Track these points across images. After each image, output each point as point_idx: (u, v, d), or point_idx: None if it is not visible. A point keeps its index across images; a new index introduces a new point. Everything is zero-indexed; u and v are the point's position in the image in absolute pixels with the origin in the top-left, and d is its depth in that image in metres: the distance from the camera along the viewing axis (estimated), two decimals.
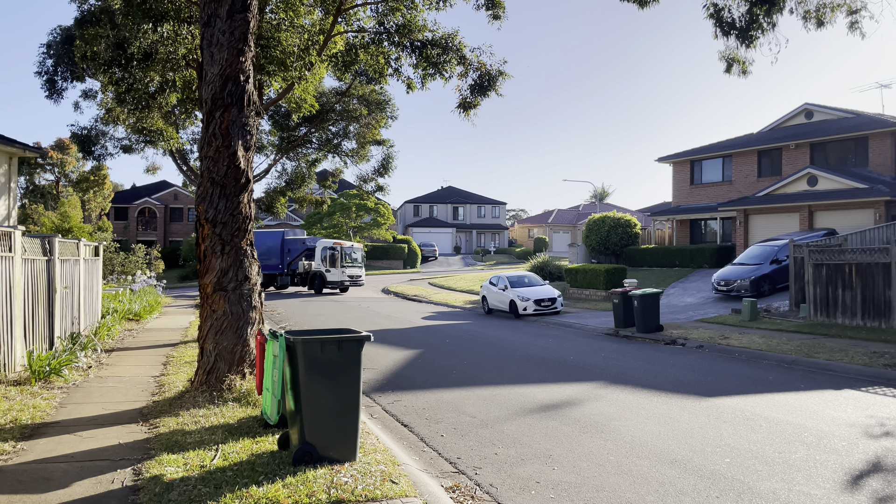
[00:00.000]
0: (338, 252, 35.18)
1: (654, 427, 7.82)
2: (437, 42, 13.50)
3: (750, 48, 13.10)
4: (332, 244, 35.25)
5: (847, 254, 18.07)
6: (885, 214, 25.94)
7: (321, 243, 35.42)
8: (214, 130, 8.46)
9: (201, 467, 5.68)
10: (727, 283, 24.21)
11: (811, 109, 34.79)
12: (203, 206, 8.50)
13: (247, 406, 7.77)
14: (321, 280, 35.20)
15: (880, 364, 12.03)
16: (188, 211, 68.39)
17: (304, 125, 23.11)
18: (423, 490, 5.48)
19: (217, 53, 8.54)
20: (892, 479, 5.97)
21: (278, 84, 13.32)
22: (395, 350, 14.37)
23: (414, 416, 8.45)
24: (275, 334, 6.35)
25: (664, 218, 38.73)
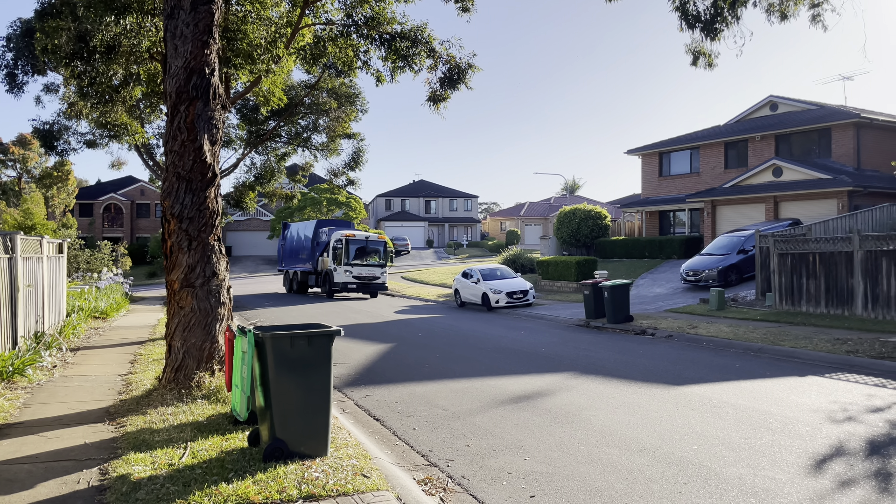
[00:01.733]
0: (341, 246, 29.60)
1: (624, 416, 7.91)
2: (407, 35, 13.43)
3: (715, 41, 13.26)
4: (340, 235, 29.96)
5: (811, 243, 18.43)
6: (847, 204, 26.50)
7: (335, 234, 30.54)
8: (179, 124, 8.33)
9: (169, 466, 5.61)
10: (695, 273, 24.55)
11: (776, 101, 35.37)
12: (169, 202, 8.37)
13: (216, 403, 7.69)
14: (330, 281, 30.00)
15: (843, 350, 12.30)
16: (155, 207, 67.35)
17: (272, 119, 22.85)
18: (395, 483, 5.48)
19: (181, 46, 8.40)
20: (854, 463, 6.12)
21: (245, 77, 13.14)
22: (368, 344, 14.33)
23: (386, 410, 8.44)
24: (243, 330, 6.29)
25: (634, 210, 39.14)
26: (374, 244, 30.70)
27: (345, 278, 29.22)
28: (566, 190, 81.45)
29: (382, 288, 30.35)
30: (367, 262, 29.92)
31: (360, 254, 30.06)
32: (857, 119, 28.99)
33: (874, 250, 16.55)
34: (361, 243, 30.23)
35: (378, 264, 30.16)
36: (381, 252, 30.88)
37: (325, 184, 53.12)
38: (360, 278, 29.45)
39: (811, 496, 5.29)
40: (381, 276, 30.06)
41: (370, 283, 29.77)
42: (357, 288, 29.57)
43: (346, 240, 29.65)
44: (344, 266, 29.22)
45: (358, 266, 29.48)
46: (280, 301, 28.07)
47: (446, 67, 13.98)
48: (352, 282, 29.35)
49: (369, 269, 29.76)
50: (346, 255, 29.38)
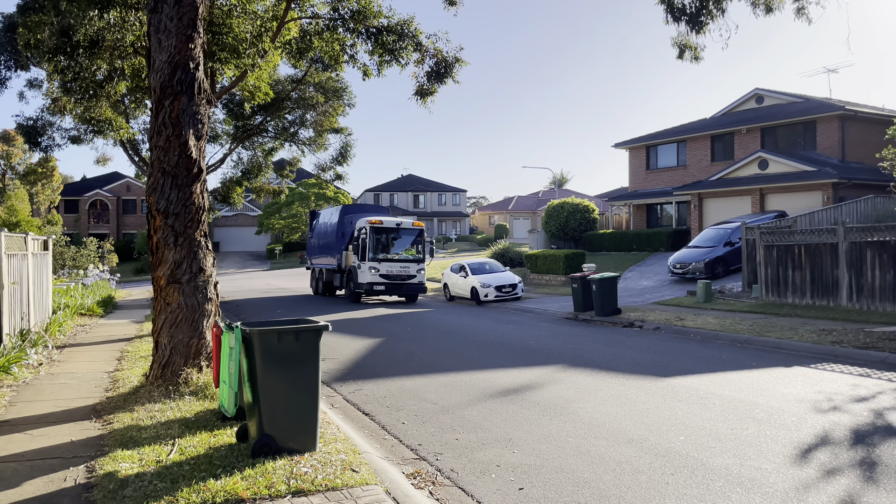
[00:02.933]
0: (365, 235, 23.30)
1: (612, 408, 7.96)
2: (393, 28, 13.38)
3: (700, 34, 13.29)
4: (364, 222, 23.74)
5: (796, 235, 18.57)
6: (832, 196, 26.71)
7: (359, 221, 24.47)
8: (164, 119, 8.27)
9: (157, 462, 5.59)
10: (682, 265, 24.69)
11: (762, 94, 35.55)
12: (154, 197, 8.32)
13: (204, 399, 7.66)
14: (353, 281, 24.00)
15: (828, 341, 12.42)
16: (142, 203, 66.92)
17: (259, 114, 22.75)
18: (384, 477, 5.48)
19: (165, 40, 8.33)
20: (839, 452, 6.19)
21: (231, 72, 13.06)
22: (357, 339, 14.32)
23: (375, 405, 8.45)
24: (231, 326, 6.26)
25: (621, 203, 39.26)
26: (408, 232, 24.27)
27: (370, 278, 22.96)
28: (554, 184, 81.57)
29: (420, 290, 23.94)
30: (399, 257, 23.73)
31: (390, 245, 23.87)
32: (841, 111, 29.19)
33: (858, 242, 16.70)
34: (390, 232, 23.95)
35: (413, 259, 23.86)
36: (418, 243, 24.32)
37: (312, 178, 52.90)
38: (389, 277, 23.20)
39: (796, 485, 5.34)
40: (417, 275, 23.73)
41: (403, 283, 23.51)
42: (386, 290, 23.29)
43: (370, 227, 23.13)
44: (369, 262, 22.97)
45: (387, 262, 23.28)
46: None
47: (433, 61, 13.95)
48: (379, 282, 23.04)
49: (401, 266, 23.53)
50: (372, 248, 23.07)
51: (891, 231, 16.17)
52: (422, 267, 24.04)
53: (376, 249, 23.29)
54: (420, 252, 24.22)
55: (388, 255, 23.55)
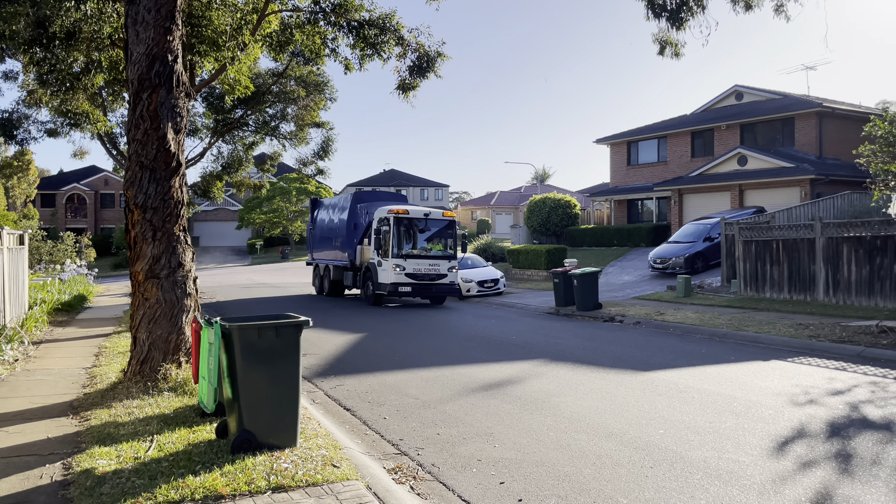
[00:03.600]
0: (387, 227, 20.07)
1: (593, 402, 8.00)
2: (375, 22, 13.31)
3: (681, 30, 13.37)
4: (385, 212, 20.46)
5: (775, 230, 18.78)
6: (810, 192, 27.03)
7: (378, 211, 21.05)
8: (142, 112, 8.17)
9: (135, 459, 5.54)
10: (663, 260, 24.88)
11: (741, 91, 35.87)
12: (132, 191, 8.22)
13: (183, 395, 7.60)
14: (373, 281, 20.67)
15: (805, 335, 12.58)
16: (120, 197, 66.16)
17: (239, 107, 22.54)
18: (365, 472, 5.47)
19: (143, 32, 8.22)
20: (815, 445, 6.27)
21: (210, 65, 12.92)
22: (338, 334, 14.27)
23: (357, 400, 8.43)
24: (210, 321, 6.21)
25: (603, 198, 39.47)
26: (437, 224, 20.99)
27: (394, 277, 19.75)
28: (536, 179, 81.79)
29: (452, 291, 20.86)
30: (428, 253, 20.56)
31: (417, 239, 20.71)
32: (819, 108, 29.54)
33: (835, 237, 16.92)
34: (417, 223, 20.71)
35: (444, 255, 20.69)
36: (449, 236, 21.11)
37: (294, 173, 52.62)
38: (417, 277, 19.98)
39: (773, 477, 5.41)
40: (448, 274, 20.52)
41: (433, 283, 20.32)
42: (413, 291, 20.07)
43: (393, 218, 20.03)
44: (393, 259, 19.76)
45: (413, 258, 20.08)
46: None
47: (415, 55, 13.90)
48: (405, 282, 19.81)
49: (431, 264, 20.32)
50: (396, 242, 19.99)
51: (866, 227, 16.40)
52: (454, 264, 20.80)
53: (401, 244, 20.15)
54: (451, 247, 21.00)
55: (415, 251, 20.37)
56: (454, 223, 21.24)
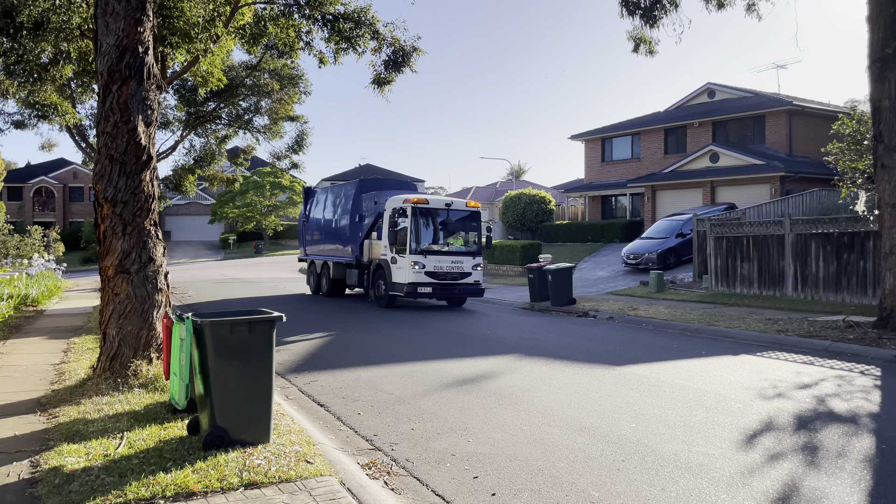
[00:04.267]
0: (405, 220, 17.85)
1: (566, 396, 8.07)
2: (350, 16, 13.25)
3: (654, 28, 13.51)
4: (402, 203, 18.09)
5: (745, 227, 19.06)
6: (780, 189, 27.48)
7: (391, 201, 18.61)
8: (112, 105, 8.03)
9: (105, 456, 5.46)
10: (636, 256, 25.14)
11: (713, 89, 36.31)
12: (101, 185, 8.09)
13: (154, 392, 7.51)
14: (386, 280, 18.31)
15: (774, 330, 12.80)
16: (89, 190, 65.04)
17: (212, 100, 22.28)
18: (339, 468, 5.46)
19: (113, 23, 8.08)
20: (783, 438, 6.39)
21: (183, 57, 12.76)
22: (313, 330, 14.20)
23: (331, 396, 8.40)
24: (181, 317, 6.14)
25: (577, 194, 39.72)
26: (461, 215, 18.86)
27: (413, 276, 17.46)
28: (512, 175, 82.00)
29: (476, 292, 18.58)
30: (451, 249, 18.48)
31: (437, 233, 18.73)
32: (789, 106, 30.02)
33: (804, 234, 17.23)
34: (438, 215, 18.60)
35: (468, 251, 18.50)
36: (473, 230, 19.02)
37: (268, 167, 52.08)
38: (438, 276, 17.71)
39: (742, 470, 5.50)
40: (472, 272, 18.27)
41: (455, 283, 18.06)
42: (434, 292, 17.89)
43: (411, 209, 17.76)
44: (411, 255, 17.50)
45: (434, 255, 17.80)
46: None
47: (391, 50, 13.87)
48: (424, 282, 17.56)
49: (453, 261, 18.02)
50: (414, 236, 17.72)
51: (834, 223, 16.72)
52: (478, 262, 18.46)
53: (419, 238, 17.87)
54: (476, 241, 18.85)
55: (435, 247, 18.20)
56: (479, 214, 19.03)
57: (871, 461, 5.71)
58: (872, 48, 11.89)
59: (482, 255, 18.88)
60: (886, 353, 10.55)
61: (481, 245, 18.88)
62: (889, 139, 11.75)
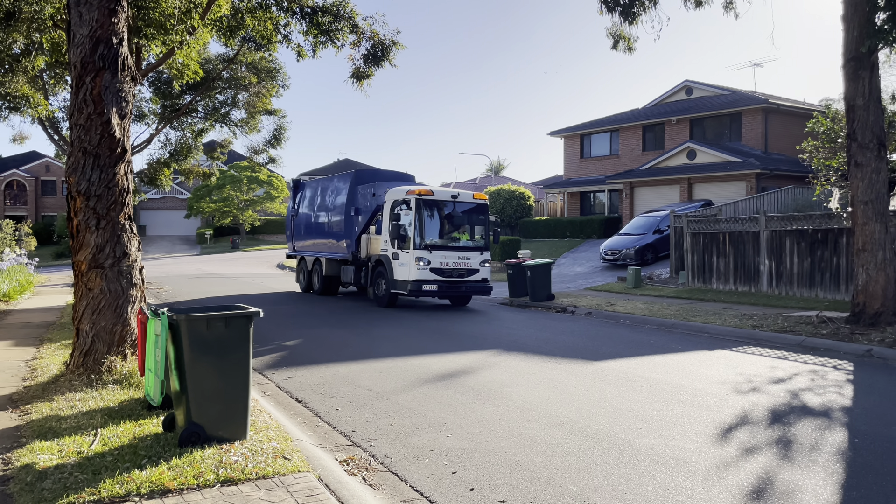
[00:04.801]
0: (409, 213, 16.79)
1: (544, 391, 8.10)
2: (328, 9, 13.16)
3: (633, 25, 13.58)
4: (406, 194, 17.06)
5: (721, 223, 19.26)
6: (755, 186, 27.81)
7: (392, 193, 17.63)
8: (85, 96, 7.90)
9: (78, 453, 5.38)
10: (614, 252, 25.30)
11: (691, 86, 36.62)
12: (74, 178, 7.95)
13: (129, 388, 7.41)
14: (387, 277, 17.29)
15: (749, 325, 12.96)
16: (62, 184, 64.01)
17: (188, 93, 22.03)
18: (317, 464, 5.43)
19: (86, 13, 7.93)
20: (758, 432, 6.47)
21: (158, 48, 12.57)
22: (290, 326, 14.11)
23: (308, 392, 8.35)
24: (156, 312, 6.06)
25: (556, 190, 39.88)
26: (467, 208, 17.75)
27: (417, 273, 16.43)
28: (491, 171, 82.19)
29: (483, 290, 17.56)
30: (457, 244, 17.40)
31: (444, 227, 17.42)
32: (765, 104, 30.37)
33: (779, 230, 17.45)
34: (443, 207, 17.36)
35: (475, 246, 17.50)
36: (480, 224, 17.90)
37: (245, 161, 51.68)
38: (444, 273, 16.73)
39: (717, 464, 5.56)
40: (480, 269, 17.29)
41: (462, 280, 17.10)
42: (439, 290, 16.82)
43: (415, 201, 16.71)
44: (416, 251, 16.50)
45: (439, 250, 16.83)
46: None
47: (370, 44, 13.81)
48: (430, 279, 16.56)
49: (460, 256, 17.06)
50: (419, 230, 16.64)
51: (808, 220, 16.96)
52: (486, 258, 17.48)
53: (424, 232, 16.74)
54: (483, 236, 17.80)
55: (440, 241, 17.07)
56: (486, 207, 17.96)
57: (844, 454, 5.80)
58: (847, 47, 12.05)
59: (490, 251, 17.96)
60: (859, 347, 10.72)
61: (489, 240, 17.91)
62: (862, 137, 11.93)
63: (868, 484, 5.12)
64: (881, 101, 12.36)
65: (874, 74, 12.01)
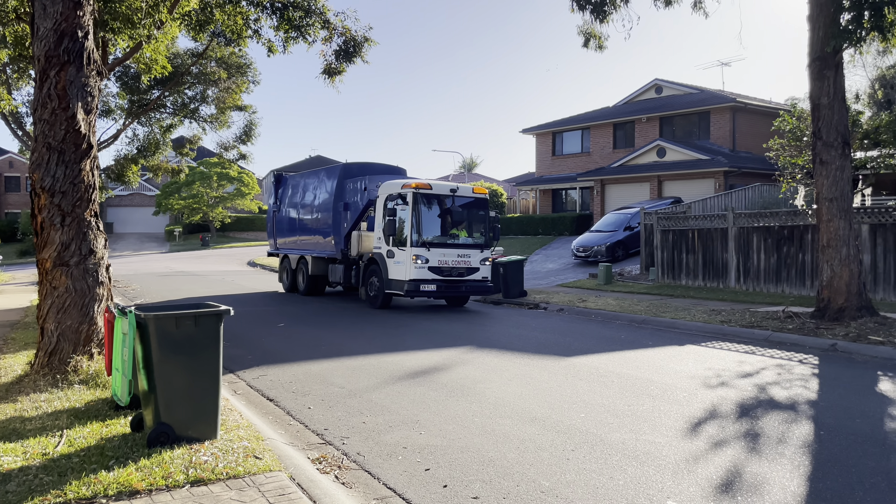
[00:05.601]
0: (405, 207, 15.77)
1: (517, 387, 8.13)
2: (300, 4, 13.03)
3: (604, 23, 13.67)
4: (401, 187, 16.11)
5: (690, 220, 19.51)
6: (723, 183, 28.22)
7: (385, 187, 16.70)
8: (49, 91, 7.72)
9: (43, 455, 5.26)
10: (585, 249, 25.50)
11: (661, 85, 37.02)
12: (39, 174, 7.77)
13: (95, 388, 7.28)
14: (381, 276, 16.38)
15: (718, 321, 13.15)
16: (26, 180, 62.64)
17: (156, 88, 21.68)
18: (289, 463, 5.38)
19: (50, 6, 7.76)
20: (726, 425, 6.57)
21: (125, 42, 12.34)
22: (261, 324, 13.98)
23: (280, 390, 8.28)
24: (123, 311, 5.96)
25: (528, 188, 40.06)
26: (467, 203, 16.74)
27: (415, 272, 15.50)
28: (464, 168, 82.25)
29: (483, 289, 16.72)
30: (457, 241, 16.37)
31: (444, 223, 16.43)
32: (733, 103, 30.81)
33: (746, 227, 17.74)
34: (442, 202, 16.36)
35: (476, 243, 16.58)
36: (480, 220, 16.90)
37: (215, 157, 51.01)
38: (443, 271, 15.82)
39: (687, 457, 5.63)
40: (480, 267, 16.40)
41: (462, 279, 16.19)
42: (438, 290, 15.87)
43: (412, 195, 15.72)
44: (414, 248, 15.56)
45: (438, 247, 15.87)
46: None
47: (342, 40, 13.72)
48: (428, 278, 15.64)
49: (460, 254, 16.14)
50: (416, 226, 15.67)
51: (774, 217, 17.25)
52: (486, 255, 16.59)
53: (421, 229, 15.78)
54: (483, 232, 16.79)
55: (439, 238, 16.09)
56: (486, 202, 16.98)
57: (810, 447, 5.92)
58: (812, 47, 12.27)
59: (490, 248, 16.97)
60: (824, 342, 10.94)
61: (489, 236, 16.91)
62: (827, 136, 12.17)
63: (833, 476, 5.23)
64: (845, 100, 12.61)
65: (839, 74, 12.24)
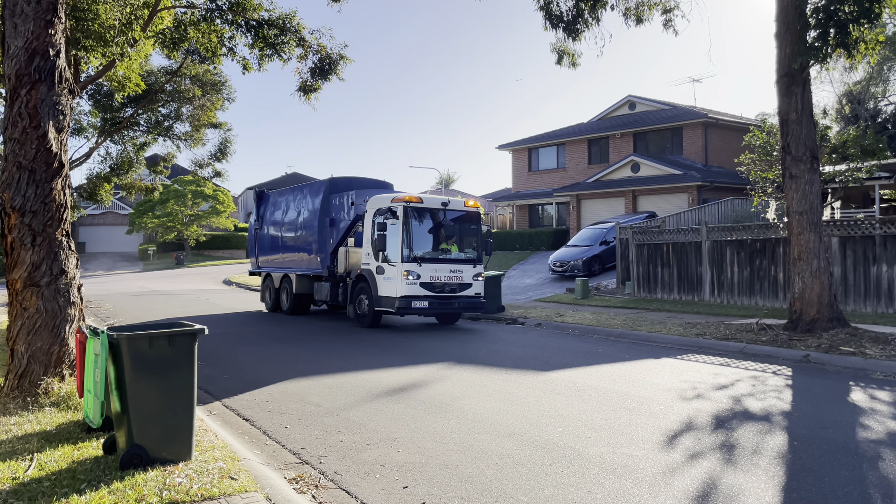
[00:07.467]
0: (395, 222, 15.31)
1: (495, 403, 8.13)
2: (275, 22, 13.07)
3: (577, 41, 13.88)
4: (391, 202, 15.67)
5: (665, 234, 19.74)
6: (697, 198, 28.61)
7: (374, 201, 16.24)
8: (20, 110, 7.65)
9: (13, 479, 5.15)
10: (562, 264, 25.65)
11: (634, 101, 37.55)
12: (9, 194, 7.67)
13: (67, 410, 7.14)
14: (371, 294, 15.88)
15: (693, 333, 13.28)
16: None
17: (129, 106, 21.50)
18: (265, 483, 5.32)
19: (21, 25, 7.70)
20: (702, 437, 6.62)
21: (98, 60, 12.26)
22: (237, 343, 13.84)
23: (256, 410, 8.19)
24: (95, 331, 5.87)
25: (505, 203, 40.27)
26: (458, 217, 16.34)
27: (406, 289, 15.00)
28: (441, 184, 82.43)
29: (476, 306, 16.11)
30: (448, 256, 15.93)
31: (436, 238, 16.02)
32: (705, 119, 31.33)
33: (719, 241, 17.98)
34: (434, 216, 15.95)
35: (468, 259, 16.13)
36: (472, 234, 16.48)
37: (189, 175, 50.63)
38: (435, 287, 15.34)
39: (663, 470, 5.66)
40: (473, 283, 15.93)
41: (454, 296, 15.68)
42: (430, 307, 15.36)
43: (402, 209, 15.33)
44: (405, 263, 15.08)
45: (430, 263, 15.42)
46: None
47: (317, 57, 13.77)
48: (419, 295, 15.14)
49: (452, 270, 15.69)
50: (408, 241, 15.23)
51: (747, 230, 17.52)
52: (479, 270, 16.12)
53: (412, 244, 15.31)
54: (476, 247, 16.35)
55: (430, 254, 15.62)
56: (478, 216, 16.61)
57: (784, 457, 5.99)
58: (780, 64, 12.55)
59: (483, 264, 16.44)
60: (796, 353, 11.10)
61: (482, 252, 16.47)
62: (796, 150, 12.41)
63: (808, 486, 5.29)
64: (813, 115, 12.89)
65: (806, 90, 12.52)
